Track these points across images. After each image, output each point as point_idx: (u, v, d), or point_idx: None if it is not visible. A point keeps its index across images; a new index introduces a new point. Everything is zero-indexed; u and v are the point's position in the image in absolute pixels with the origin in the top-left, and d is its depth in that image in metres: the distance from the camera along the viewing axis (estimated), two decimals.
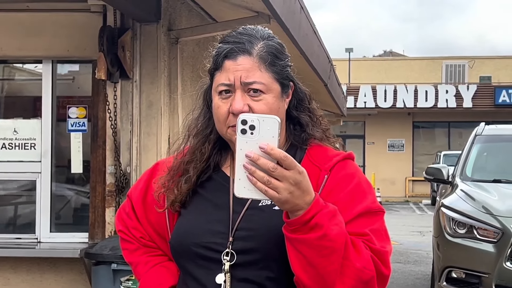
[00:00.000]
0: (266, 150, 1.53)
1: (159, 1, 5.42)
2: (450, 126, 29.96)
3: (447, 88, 28.23)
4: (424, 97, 27.83)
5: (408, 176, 29.74)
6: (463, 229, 6.87)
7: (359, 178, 1.83)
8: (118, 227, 2.08)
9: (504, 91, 27.68)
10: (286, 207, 1.57)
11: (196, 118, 1.98)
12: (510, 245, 6.37)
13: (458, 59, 34.32)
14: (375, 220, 1.76)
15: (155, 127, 5.39)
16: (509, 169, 8.15)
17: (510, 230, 6.41)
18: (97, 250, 4.67)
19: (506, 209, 6.73)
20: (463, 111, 28.04)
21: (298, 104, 1.92)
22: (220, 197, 1.85)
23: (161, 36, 5.43)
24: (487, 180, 7.72)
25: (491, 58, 34.93)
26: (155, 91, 5.40)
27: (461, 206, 7.07)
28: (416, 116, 29.79)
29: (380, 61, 37.49)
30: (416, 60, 35.56)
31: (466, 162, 8.15)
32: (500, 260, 6.43)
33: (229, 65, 1.78)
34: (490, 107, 27.86)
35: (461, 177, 7.90)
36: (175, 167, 1.94)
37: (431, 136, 30.82)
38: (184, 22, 5.94)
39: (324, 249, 1.58)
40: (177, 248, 1.86)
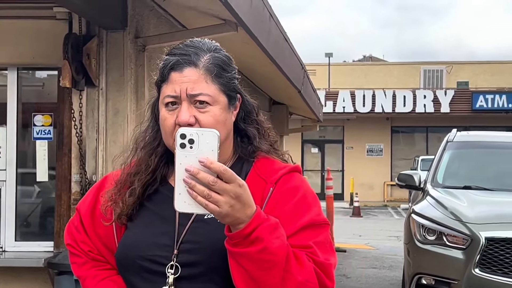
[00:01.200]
0: (206, 164, 1.52)
1: (125, 9, 5.39)
2: (428, 131, 30.14)
3: (425, 93, 28.40)
4: (402, 102, 27.98)
5: (387, 181, 29.86)
6: (432, 235, 6.90)
7: (304, 190, 1.83)
8: (67, 241, 2.07)
9: (481, 96, 27.89)
10: (227, 220, 1.57)
11: (144, 130, 1.98)
12: (479, 251, 6.40)
13: (436, 64, 34.54)
14: (319, 232, 1.76)
15: (122, 135, 5.36)
16: (479, 175, 8.20)
17: (479, 237, 6.44)
18: (60, 260, 4.64)
19: (475, 216, 6.77)
20: (441, 116, 28.22)
21: (246, 116, 1.92)
22: (166, 210, 1.84)
23: (128, 43, 5.40)
24: (457, 186, 7.76)
25: (469, 64, 35.19)
26: (121, 99, 5.37)
27: (431, 212, 7.09)
28: (394, 121, 29.94)
29: (360, 66, 37.63)
30: (395, 65, 35.74)
31: (438, 169, 8.19)
32: (469, 266, 6.45)
33: (175, 77, 1.78)
34: (468, 112, 28.06)
35: (432, 183, 7.94)
36: (122, 180, 1.93)
37: (409, 141, 30.98)
38: (152, 29, 5.91)
39: (265, 263, 1.58)
40: (122, 261, 1.85)
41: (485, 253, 6.41)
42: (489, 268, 6.43)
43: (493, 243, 6.43)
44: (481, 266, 6.44)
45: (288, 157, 1.98)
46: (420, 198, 7.79)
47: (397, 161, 30.09)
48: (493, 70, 34.09)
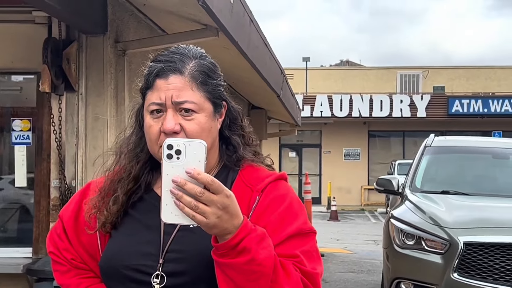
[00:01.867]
0: (193, 175, 1.51)
1: (105, 13, 5.36)
2: (404, 135, 30.34)
3: (401, 98, 28.59)
4: (379, 106, 28.15)
5: (364, 185, 29.99)
6: (411, 240, 6.93)
7: (291, 199, 1.82)
8: (49, 249, 2.05)
9: (457, 101, 28.14)
10: (215, 231, 1.56)
11: (128, 137, 1.96)
12: (457, 256, 6.44)
13: (412, 69, 34.77)
14: (306, 241, 1.76)
15: (101, 140, 5.33)
16: (457, 180, 8.26)
17: (457, 242, 6.48)
18: (39, 266, 4.59)
19: (454, 220, 6.81)
20: (417, 121, 28.42)
21: (232, 123, 1.91)
22: (151, 218, 1.82)
23: (108, 48, 5.37)
24: (436, 191, 7.81)
25: (445, 69, 35.48)
26: (101, 104, 5.34)
27: (410, 217, 7.12)
28: (371, 125, 30.09)
29: (337, 70, 37.79)
30: (372, 70, 35.95)
31: (416, 173, 8.23)
32: (447, 271, 6.49)
33: (160, 84, 1.76)
34: (444, 117, 28.30)
35: (410, 188, 7.98)
36: (105, 188, 1.91)
37: (386, 145, 31.16)
38: (132, 33, 5.89)
39: (253, 274, 1.57)
40: (107, 270, 1.83)
41: (464, 258, 6.45)
42: (468, 273, 6.47)
43: (471, 247, 6.47)
44: (460, 270, 6.47)
45: (271, 161, 1.98)
46: (399, 203, 7.82)
47: (374, 165, 30.24)
48: (468, 75, 34.41)
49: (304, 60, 33.72)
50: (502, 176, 8.37)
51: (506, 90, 31.75)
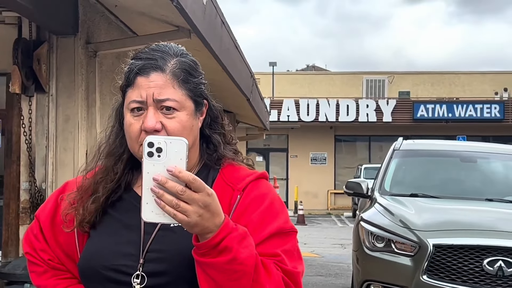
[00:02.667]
0: (174, 173, 1.49)
1: (76, 14, 5.31)
2: (370, 140, 30.53)
3: (367, 103, 28.78)
4: (345, 111, 28.30)
5: (330, 189, 30.12)
6: (381, 243, 6.95)
7: (272, 198, 1.81)
8: (26, 249, 2.00)
9: (422, 106, 28.42)
10: (196, 230, 1.53)
11: (107, 136, 1.93)
12: (427, 258, 6.47)
13: (378, 74, 35.02)
14: (287, 240, 1.75)
15: (72, 142, 5.28)
16: (425, 183, 8.31)
17: (427, 244, 6.51)
18: (10, 270, 4.52)
19: (423, 223, 6.85)
20: (383, 125, 28.64)
21: (212, 122, 1.90)
22: (131, 218, 1.80)
23: (79, 49, 5.32)
24: (404, 194, 7.85)
25: (409, 74, 35.79)
26: (72, 105, 5.29)
27: (380, 220, 7.15)
28: (338, 129, 30.24)
29: (303, 75, 37.90)
30: (338, 75, 36.11)
31: (385, 177, 8.27)
32: (417, 273, 6.52)
33: (141, 81, 1.74)
34: (409, 122, 28.56)
35: (379, 191, 8.01)
36: (84, 187, 1.88)
37: (352, 150, 31.33)
38: (103, 35, 5.85)
39: (234, 273, 1.55)
40: (86, 271, 1.80)
41: (433, 260, 6.49)
42: (437, 275, 6.50)
43: (440, 250, 6.51)
44: (429, 273, 6.51)
45: (252, 162, 1.97)
46: (368, 205, 7.85)
47: (340, 170, 30.39)
48: (433, 80, 34.76)
49: (271, 65, 33.77)
50: (470, 179, 8.46)
51: (470, 95, 32.16)
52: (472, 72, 36.14)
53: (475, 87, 34.03)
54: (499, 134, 28.37)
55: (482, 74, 35.81)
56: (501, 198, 7.84)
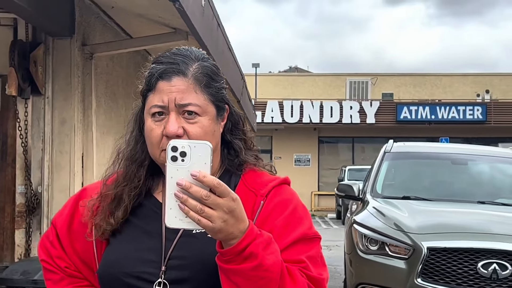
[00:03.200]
0: (199, 178, 1.45)
1: (73, 15, 5.26)
2: (354, 141, 30.62)
3: (351, 104, 28.87)
4: (329, 112, 28.36)
5: (314, 190, 30.17)
6: (375, 245, 6.95)
7: (295, 203, 1.78)
8: (41, 257, 1.96)
9: (405, 108, 28.55)
10: (220, 236, 1.50)
11: (127, 142, 1.89)
12: (421, 261, 6.47)
13: (361, 76, 35.14)
14: (311, 246, 1.72)
15: (68, 145, 5.22)
16: (417, 186, 8.33)
17: (421, 247, 6.51)
18: (8, 275, 4.44)
19: (417, 225, 6.85)
20: (367, 127, 28.73)
21: (233, 127, 1.87)
22: (151, 224, 1.77)
23: (75, 51, 5.27)
24: (397, 197, 7.85)
25: (392, 76, 35.95)
26: (68, 108, 5.23)
27: (373, 222, 7.14)
28: (321, 131, 30.29)
29: (286, 76, 37.94)
30: (321, 76, 36.19)
31: (377, 179, 8.26)
32: (411, 276, 6.52)
33: (163, 86, 1.71)
34: (393, 123, 28.67)
35: (371, 193, 8.00)
36: (103, 193, 1.84)
37: (336, 151, 31.41)
38: (98, 37, 5.79)
39: (260, 280, 1.52)
40: (106, 279, 1.76)
41: (427, 263, 6.49)
42: (431, 278, 6.51)
43: (435, 253, 6.51)
44: (423, 275, 6.51)
45: (273, 168, 1.95)
46: (360, 208, 7.84)
47: (324, 171, 30.45)
48: (415, 82, 34.95)
49: (253, 66, 33.75)
50: (461, 182, 8.48)
51: (451, 97, 32.38)
52: (453, 74, 36.41)
53: (457, 88, 34.28)
54: (481, 136, 28.57)
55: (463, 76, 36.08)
56: (492, 200, 7.87)
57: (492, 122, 28.53)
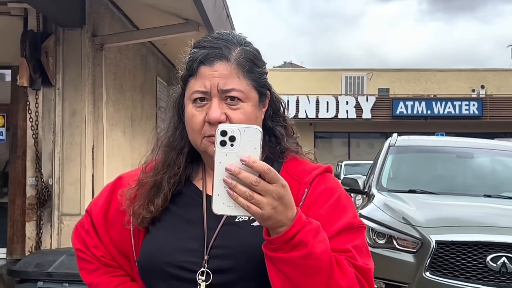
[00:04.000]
0: (248, 163, 1.40)
1: (83, 6, 5.20)
2: (350, 136, 30.61)
3: (347, 99, 28.85)
4: (325, 107, 28.34)
5: None
6: (382, 239, 6.91)
7: (340, 192, 1.75)
8: (76, 246, 1.92)
9: (401, 103, 28.56)
10: (268, 223, 1.45)
11: (166, 128, 1.84)
12: (429, 255, 6.43)
13: (357, 71, 35.12)
14: (357, 236, 1.68)
15: (79, 136, 5.17)
16: (423, 179, 8.29)
17: (430, 241, 6.48)
18: (21, 267, 4.39)
19: (425, 219, 6.81)
20: (363, 122, 28.72)
21: (275, 114, 1.83)
22: (192, 213, 1.72)
23: (86, 42, 5.22)
24: (402, 190, 7.81)
25: (387, 71, 35.95)
26: (79, 99, 5.18)
27: (380, 216, 7.10)
28: (317, 126, 30.26)
29: (281, 72, 37.88)
30: (316, 72, 36.15)
31: (382, 173, 8.22)
32: (419, 270, 6.48)
33: (205, 71, 1.66)
34: (389, 118, 28.66)
35: (377, 187, 7.96)
36: (144, 181, 1.79)
37: (332, 146, 31.40)
38: (107, 28, 5.74)
39: (309, 268, 1.48)
40: (147, 268, 1.71)
41: (436, 257, 6.45)
42: (440, 271, 6.47)
43: (443, 246, 6.48)
44: (432, 269, 6.48)
45: (314, 156, 1.90)
46: (366, 202, 7.81)
47: None
48: (409, 77, 34.94)
49: None
50: (467, 175, 8.45)
51: (446, 92, 32.39)
52: (447, 69, 36.43)
53: (451, 84, 34.30)
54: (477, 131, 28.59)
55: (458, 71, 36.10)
56: (498, 194, 7.85)
57: (488, 117, 28.58)
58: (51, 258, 4.41)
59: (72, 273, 4.21)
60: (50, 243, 5.09)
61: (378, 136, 28.63)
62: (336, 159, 28.18)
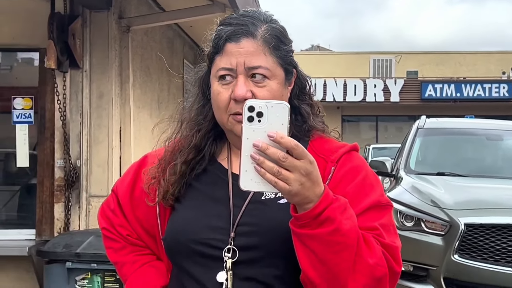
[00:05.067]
0: (276, 139, 1.40)
1: None
2: (377, 120, 30.45)
3: (375, 83, 28.68)
4: (353, 91, 28.20)
5: None
6: (410, 222, 6.88)
7: (366, 170, 1.74)
8: (102, 225, 1.93)
9: (430, 86, 28.32)
10: (296, 199, 1.45)
11: (190, 105, 1.84)
12: (458, 237, 6.40)
13: (385, 54, 34.86)
14: (384, 214, 1.67)
15: (106, 118, 5.19)
16: (451, 162, 8.23)
17: (458, 223, 6.44)
18: (50, 248, 4.43)
19: (454, 202, 6.77)
20: (391, 105, 28.54)
21: (300, 93, 1.83)
22: (217, 191, 1.72)
23: (112, 24, 5.23)
24: (431, 173, 7.77)
25: (415, 54, 35.64)
26: (106, 81, 5.20)
27: (408, 199, 7.07)
28: (345, 110, 30.14)
29: (308, 55, 37.73)
30: (343, 55, 35.96)
31: (410, 155, 8.18)
32: (448, 252, 6.45)
33: (231, 48, 1.65)
34: (417, 102, 28.45)
35: (405, 170, 7.93)
36: (166, 158, 1.79)
37: (359, 130, 31.28)
38: (133, 10, 5.74)
39: (336, 245, 1.47)
40: (173, 246, 1.71)
41: (464, 239, 6.42)
42: (468, 254, 6.44)
43: (472, 229, 6.44)
44: (460, 252, 6.45)
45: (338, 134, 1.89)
46: (394, 184, 7.77)
47: None
48: (438, 60, 34.65)
49: None
50: (496, 158, 8.39)
51: (475, 75, 32.05)
52: (477, 52, 36.04)
53: (481, 66, 33.93)
54: (507, 114, 28.26)
55: (488, 54, 35.70)
56: None
57: None
58: (80, 239, 4.45)
59: (100, 254, 4.24)
60: (78, 224, 5.14)
61: (406, 120, 28.43)
62: (364, 143, 28.05)
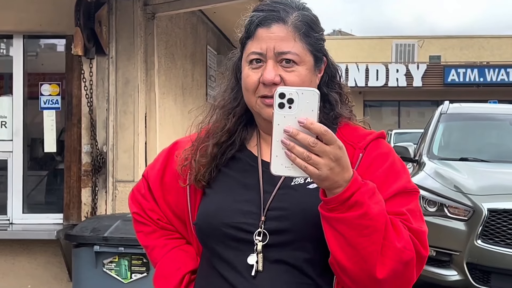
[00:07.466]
0: (306, 125, 1.45)
1: None
2: (400, 105, 30.31)
3: (397, 67, 28.51)
4: (375, 76, 28.07)
5: None
6: (433, 207, 6.89)
7: (394, 157, 1.78)
8: (133, 209, 1.99)
9: (453, 70, 28.11)
10: (325, 184, 1.49)
11: (223, 90, 1.89)
12: (481, 223, 6.40)
13: (407, 38, 34.63)
14: (411, 199, 1.71)
15: (132, 105, 5.26)
16: (474, 147, 8.21)
17: (481, 208, 6.44)
18: (78, 232, 4.52)
19: (477, 187, 6.76)
20: (413, 90, 28.38)
21: (330, 81, 1.86)
22: (247, 177, 1.76)
23: (138, 11, 5.28)
24: (454, 158, 7.75)
25: (437, 38, 35.36)
26: (131, 68, 5.26)
27: (431, 184, 7.07)
28: (367, 95, 30.03)
29: (330, 40, 37.57)
30: (366, 40, 35.77)
31: (433, 141, 8.17)
32: (471, 238, 6.45)
33: (262, 33, 1.70)
34: (440, 86, 28.26)
35: (428, 155, 7.92)
36: (198, 144, 1.84)
37: (381, 115, 31.15)
38: None
39: (365, 229, 1.51)
40: (205, 229, 1.76)
41: (488, 224, 6.42)
42: (492, 239, 6.44)
43: (495, 214, 6.44)
44: (484, 237, 6.45)
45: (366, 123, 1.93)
46: (417, 170, 7.77)
47: None
48: (462, 44, 34.33)
49: None
50: None
51: (499, 59, 31.74)
52: (501, 36, 35.66)
53: (505, 51, 33.56)
54: None
55: None
56: None
57: None
58: (107, 223, 4.53)
59: (127, 238, 4.31)
60: (105, 209, 5.22)
61: (429, 105, 28.29)
62: (386, 128, 27.95)
